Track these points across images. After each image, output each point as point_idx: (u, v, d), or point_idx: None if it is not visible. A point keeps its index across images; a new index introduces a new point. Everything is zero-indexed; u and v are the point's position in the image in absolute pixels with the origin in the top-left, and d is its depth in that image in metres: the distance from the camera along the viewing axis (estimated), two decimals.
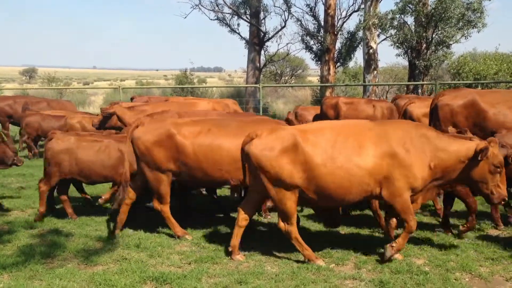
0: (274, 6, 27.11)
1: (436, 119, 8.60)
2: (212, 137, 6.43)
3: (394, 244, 5.64)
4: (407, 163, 5.47)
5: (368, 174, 5.48)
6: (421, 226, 7.13)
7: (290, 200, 5.66)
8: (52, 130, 8.61)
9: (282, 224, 5.79)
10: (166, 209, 6.71)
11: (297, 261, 5.81)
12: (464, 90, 8.94)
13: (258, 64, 25.54)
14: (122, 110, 9.83)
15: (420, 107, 9.94)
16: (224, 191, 8.92)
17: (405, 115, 10.12)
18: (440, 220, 7.14)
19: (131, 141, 6.66)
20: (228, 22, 25.73)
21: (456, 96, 8.56)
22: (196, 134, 6.46)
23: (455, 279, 5.28)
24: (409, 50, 19.92)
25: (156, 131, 6.55)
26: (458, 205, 7.30)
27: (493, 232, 6.88)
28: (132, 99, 13.89)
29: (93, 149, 7.37)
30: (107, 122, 10.13)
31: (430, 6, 19.02)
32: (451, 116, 8.36)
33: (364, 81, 22.08)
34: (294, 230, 5.78)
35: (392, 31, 20.04)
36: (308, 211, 7.85)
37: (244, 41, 25.88)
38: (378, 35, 21.71)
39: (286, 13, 24.82)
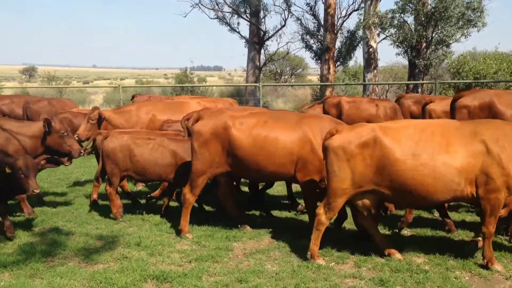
0: (274, 5, 27.26)
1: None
2: (268, 129, 6.45)
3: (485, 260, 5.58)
4: (504, 161, 5.31)
5: (458, 173, 5.34)
6: (421, 224, 7.15)
7: (343, 197, 5.65)
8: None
9: (320, 211, 5.76)
10: (191, 200, 6.79)
11: (297, 260, 5.82)
12: (482, 92, 8.70)
13: (258, 63, 25.55)
14: (109, 113, 9.65)
15: (440, 106, 9.67)
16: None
17: (424, 114, 9.83)
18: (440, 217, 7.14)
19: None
20: (228, 21, 25.76)
21: (474, 98, 8.39)
22: (252, 126, 6.49)
23: (455, 278, 5.30)
24: (409, 49, 19.93)
25: (214, 124, 6.60)
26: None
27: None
28: (133, 97, 13.98)
29: (147, 147, 7.46)
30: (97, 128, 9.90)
31: (430, 5, 19.03)
32: (468, 118, 8.25)
33: (364, 80, 22.09)
34: (325, 224, 5.78)
35: (392, 30, 20.05)
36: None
37: (244, 40, 25.91)
38: (378, 34, 21.72)
39: (286, 12, 24.88)
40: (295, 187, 8.00)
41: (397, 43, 19.95)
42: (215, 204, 8.17)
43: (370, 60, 21.72)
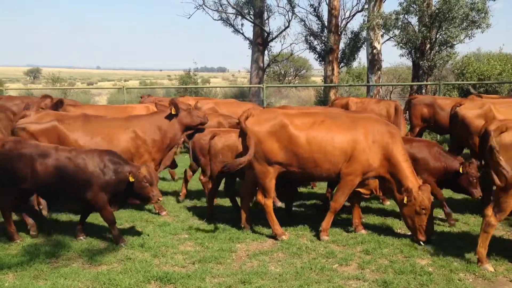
0: (278, 6, 27.15)
1: None
2: (326, 129, 6.52)
3: None
4: None
5: None
6: None
7: None
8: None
9: (489, 212, 5.57)
10: (269, 203, 6.74)
11: (301, 261, 5.82)
12: None
13: (261, 64, 25.52)
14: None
15: (471, 109, 9.08)
16: None
17: (456, 117, 9.21)
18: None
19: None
20: (232, 22, 25.75)
21: None
22: (310, 125, 6.54)
23: (458, 280, 5.29)
24: (413, 50, 19.87)
25: (269, 122, 6.60)
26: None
27: (497, 233, 6.87)
28: (141, 98, 14.51)
29: None
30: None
31: (434, 6, 18.97)
32: None
33: (368, 82, 22.02)
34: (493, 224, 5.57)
35: (396, 31, 19.98)
36: (312, 211, 7.86)
37: (247, 41, 25.90)
38: (382, 35, 21.65)
39: (290, 13, 24.82)
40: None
41: (401, 44, 19.89)
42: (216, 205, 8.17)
43: (374, 61, 21.65)
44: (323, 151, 6.45)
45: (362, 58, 41.32)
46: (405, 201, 6.38)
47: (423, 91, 19.79)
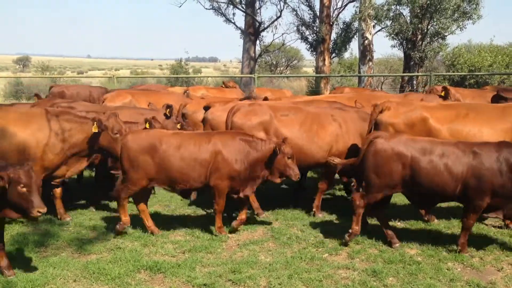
0: None
1: None
2: (471, 122, 6.23)
3: None
4: None
5: None
6: (414, 216, 7.17)
7: None
8: None
9: None
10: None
11: (291, 251, 5.83)
12: None
13: (253, 54, 25.42)
14: None
15: None
16: None
17: None
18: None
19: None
20: (224, 12, 25.57)
21: None
22: (453, 118, 6.29)
23: (447, 269, 5.33)
24: (404, 41, 19.91)
25: (408, 115, 6.41)
26: None
27: (485, 223, 6.92)
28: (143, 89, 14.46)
29: None
30: None
31: None
32: None
33: (359, 72, 22.05)
34: None
35: (388, 22, 20.01)
36: (306, 203, 7.87)
37: (239, 31, 25.77)
38: (374, 26, 21.66)
39: (282, 3, 24.70)
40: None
41: (393, 35, 19.92)
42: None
43: (366, 52, 21.66)
44: None
45: (353, 48, 41.26)
46: None
47: (414, 82, 19.85)
